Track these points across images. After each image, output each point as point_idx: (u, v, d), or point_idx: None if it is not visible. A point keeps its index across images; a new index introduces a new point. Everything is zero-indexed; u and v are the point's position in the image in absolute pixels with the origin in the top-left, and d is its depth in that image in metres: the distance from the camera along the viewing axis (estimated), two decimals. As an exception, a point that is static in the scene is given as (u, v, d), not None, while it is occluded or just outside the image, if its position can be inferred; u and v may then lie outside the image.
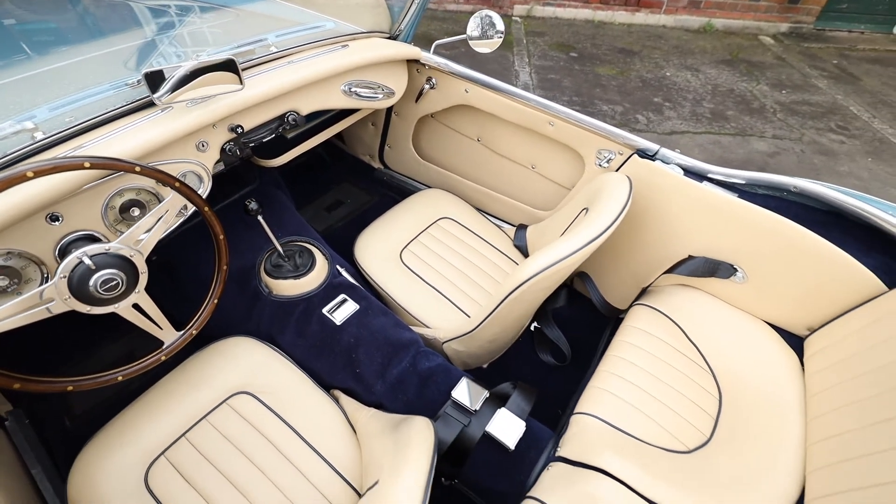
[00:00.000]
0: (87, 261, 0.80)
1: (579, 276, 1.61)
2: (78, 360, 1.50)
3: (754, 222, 1.11)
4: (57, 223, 0.90)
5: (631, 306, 1.33)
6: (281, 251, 1.30)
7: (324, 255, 1.38)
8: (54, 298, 0.80)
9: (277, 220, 1.50)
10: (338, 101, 1.37)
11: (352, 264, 1.50)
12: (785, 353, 1.13)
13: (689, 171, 1.22)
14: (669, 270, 1.25)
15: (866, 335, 0.97)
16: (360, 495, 1.01)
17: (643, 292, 1.37)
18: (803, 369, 1.11)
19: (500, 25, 1.57)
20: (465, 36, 1.53)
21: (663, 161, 1.26)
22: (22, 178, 0.70)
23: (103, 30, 1.38)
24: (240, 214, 1.47)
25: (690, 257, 1.22)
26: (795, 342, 1.16)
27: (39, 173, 0.71)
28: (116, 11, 1.49)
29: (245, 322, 1.29)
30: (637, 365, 1.15)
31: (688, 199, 1.21)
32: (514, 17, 5.15)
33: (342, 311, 1.29)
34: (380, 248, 1.52)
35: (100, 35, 1.34)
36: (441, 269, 1.50)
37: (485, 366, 1.52)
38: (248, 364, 1.18)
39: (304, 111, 1.28)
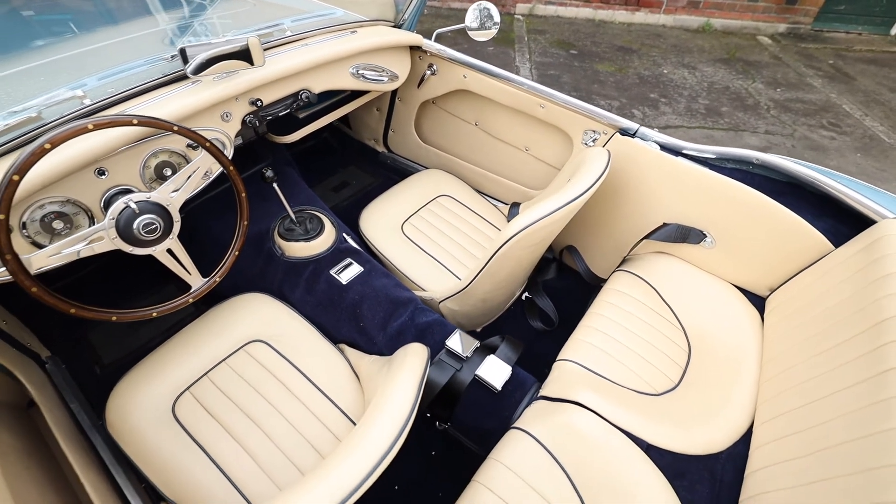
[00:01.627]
0: (133, 205, 0.93)
1: (567, 249, 1.74)
2: (121, 302, 1.67)
3: (722, 192, 1.23)
4: (103, 177, 1.03)
5: (612, 273, 1.46)
6: (293, 217, 1.43)
7: (332, 222, 1.51)
8: (104, 238, 0.94)
9: (289, 192, 1.62)
10: (346, 82, 1.50)
11: (357, 234, 1.63)
12: (748, 311, 1.25)
13: (665, 147, 1.34)
14: (646, 237, 1.37)
15: (813, 289, 1.09)
16: None
17: (623, 261, 1.49)
18: (763, 325, 1.23)
19: (497, 17, 1.70)
20: (464, 25, 1.65)
21: (642, 138, 1.38)
22: (84, 130, 0.83)
23: (141, 13, 1.52)
24: (256, 187, 1.60)
25: (665, 224, 1.34)
26: (758, 302, 1.28)
27: (98, 126, 0.84)
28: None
29: (260, 280, 1.42)
30: (615, 321, 1.27)
31: (663, 172, 1.33)
32: (516, 16, 5.28)
33: (347, 272, 1.42)
34: (383, 220, 1.65)
35: (137, 17, 1.48)
36: (439, 240, 1.63)
37: (478, 329, 1.65)
38: (262, 316, 1.31)
39: (316, 90, 1.41)
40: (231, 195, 1.61)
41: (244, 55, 1.12)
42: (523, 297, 1.75)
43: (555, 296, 1.71)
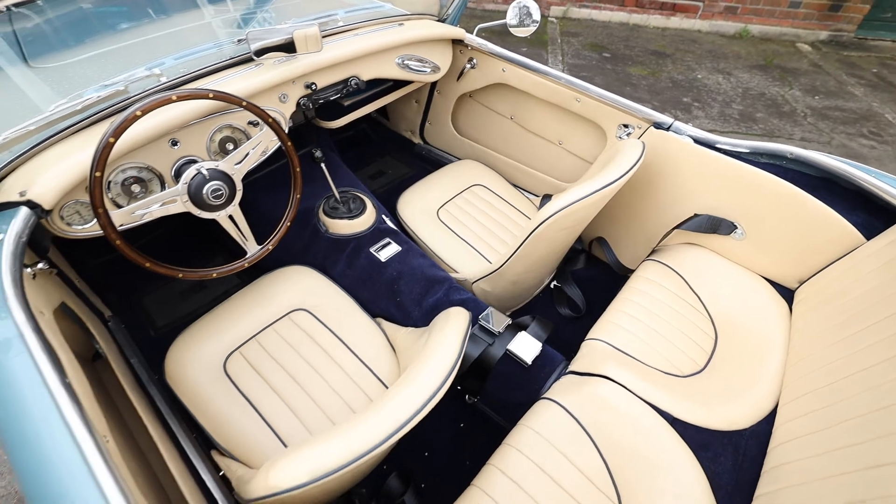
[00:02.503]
0: (204, 171, 1.03)
1: (597, 240, 1.78)
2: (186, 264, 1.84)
3: (754, 183, 1.26)
4: (175, 147, 1.13)
5: (641, 263, 1.49)
6: (337, 196, 1.52)
7: (372, 204, 1.60)
8: (176, 200, 1.03)
9: (333, 175, 1.71)
10: (392, 72, 1.58)
11: (394, 218, 1.71)
12: (776, 301, 1.27)
13: (698, 141, 1.38)
14: (676, 227, 1.41)
15: (843, 280, 1.11)
16: None
17: (653, 251, 1.52)
18: (791, 315, 1.25)
19: (537, 15, 1.76)
20: (504, 21, 1.72)
21: (676, 132, 1.42)
22: (168, 101, 0.93)
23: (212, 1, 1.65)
24: (303, 168, 1.71)
25: (696, 215, 1.38)
26: (787, 294, 1.30)
27: (181, 98, 0.94)
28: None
29: (304, 254, 1.51)
30: (644, 306, 1.31)
31: (695, 164, 1.36)
32: (550, 18, 5.31)
33: (386, 251, 1.50)
34: (419, 205, 1.73)
35: (209, 4, 1.60)
36: (472, 226, 1.69)
37: (508, 313, 1.70)
38: (306, 287, 1.40)
39: (365, 77, 1.49)
40: (277, 175, 1.72)
41: (290, 47, 1.22)
42: (552, 286, 1.79)
43: (583, 285, 1.75)
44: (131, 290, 1.73)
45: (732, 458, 0.97)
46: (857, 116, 3.94)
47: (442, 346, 0.80)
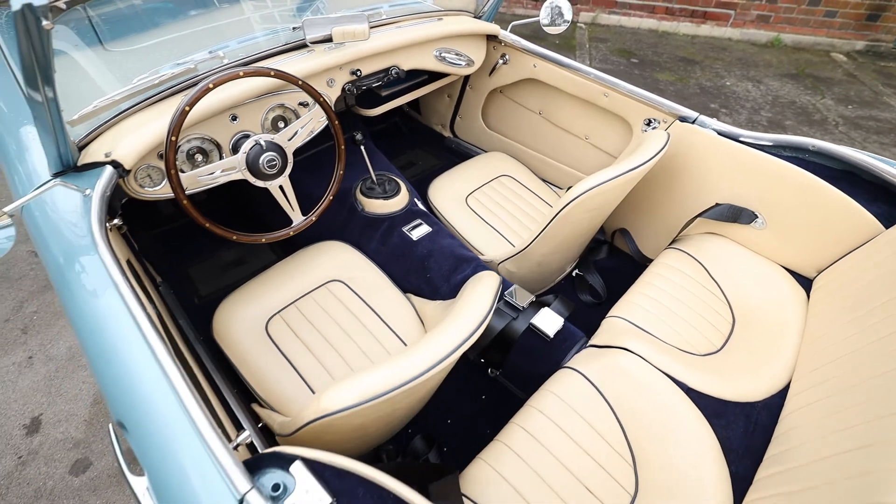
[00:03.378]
0: (262, 143, 1.14)
1: (620, 232, 1.83)
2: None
3: (775, 173, 1.30)
4: (234, 122, 1.25)
5: (663, 251, 1.54)
6: (374, 178, 1.62)
7: (406, 187, 1.69)
8: (235, 167, 1.14)
9: (370, 158, 1.82)
10: (430, 63, 1.68)
11: (424, 204, 1.80)
12: (794, 289, 1.31)
13: (722, 134, 1.43)
14: (698, 216, 1.46)
15: (861, 267, 1.14)
16: None
17: (674, 240, 1.57)
18: (808, 302, 1.28)
19: (568, 15, 1.84)
20: (537, 19, 1.80)
21: (701, 126, 1.47)
22: (237, 76, 1.04)
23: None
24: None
25: (717, 204, 1.42)
26: (806, 284, 1.34)
27: (247, 74, 1.05)
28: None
29: (341, 231, 1.61)
30: (664, 290, 1.37)
31: (718, 155, 1.41)
32: (578, 24, 5.37)
33: (418, 231, 1.59)
34: (450, 192, 1.81)
35: None
36: (499, 213, 1.77)
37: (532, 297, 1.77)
38: (341, 261, 1.50)
39: (405, 67, 1.60)
40: (316, 159, 1.83)
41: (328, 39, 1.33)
42: (574, 274, 1.85)
43: (604, 274, 1.81)
44: (178, 262, 1.86)
45: (744, 426, 1.01)
46: (893, 126, 3.87)
47: (477, 298, 0.88)
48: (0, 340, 1.87)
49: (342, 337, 1.34)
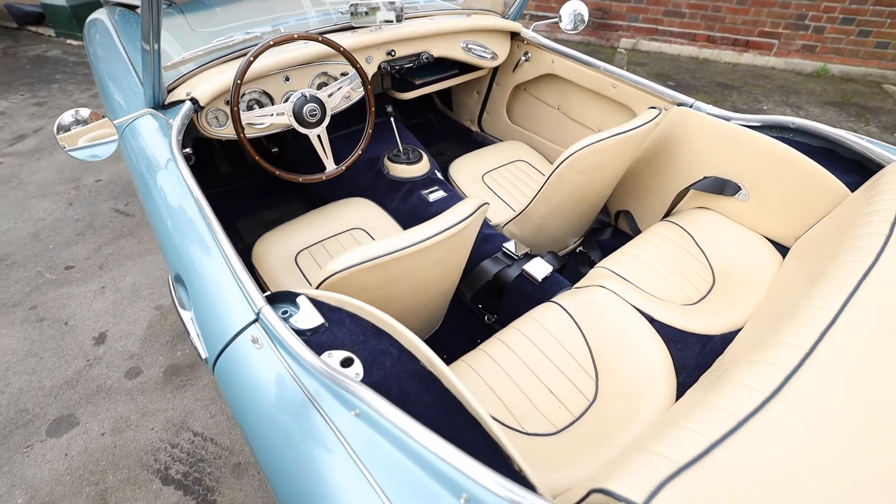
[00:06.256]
0: (308, 93, 1.40)
1: (623, 214, 1.96)
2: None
3: (758, 148, 1.42)
4: (287, 82, 1.52)
5: (656, 223, 1.67)
6: (400, 147, 1.85)
7: (428, 158, 1.91)
8: (284, 114, 1.40)
9: (399, 135, 2.07)
10: (457, 53, 1.92)
11: (446, 181, 2.01)
12: (771, 255, 1.40)
13: (715, 116, 1.56)
14: (688, 188, 1.58)
15: (826, 229, 1.24)
16: None
17: (667, 214, 1.69)
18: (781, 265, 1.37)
19: (586, 18, 2.04)
20: (556, 19, 2.02)
21: (697, 109, 1.61)
22: (292, 38, 1.30)
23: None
24: (376, 133, 2.07)
25: (705, 177, 1.55)
26: (784, 252, 1.42)
27: (300, 37, 1.31)
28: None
29: (368, 190, 1.85)
30: (651, 252, 1.49)
31: (709, 134, 1.54)
32: (619, 49, 5.57)
33: (434, 195, 1.80)
34: (469, 170, 2.02)
35: None
36: (511, 190, 1.95)
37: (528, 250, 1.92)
38: (365, 213, 1.72)
39: (435, 54, 1.84)
40: (352, 136, 2.09)
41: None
42: (577, 251, 1.99)
43: (606, 252, 1.93)
44: (228, 216, 2.15)
45: (699, 351, 1.12)
46: (940, 156, 3.76)
47: (463, 205, 1.06)
48: (82, 273, 2.22)
49: None
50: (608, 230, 2.03)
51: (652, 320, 1.20)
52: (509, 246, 1.54)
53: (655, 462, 0.54)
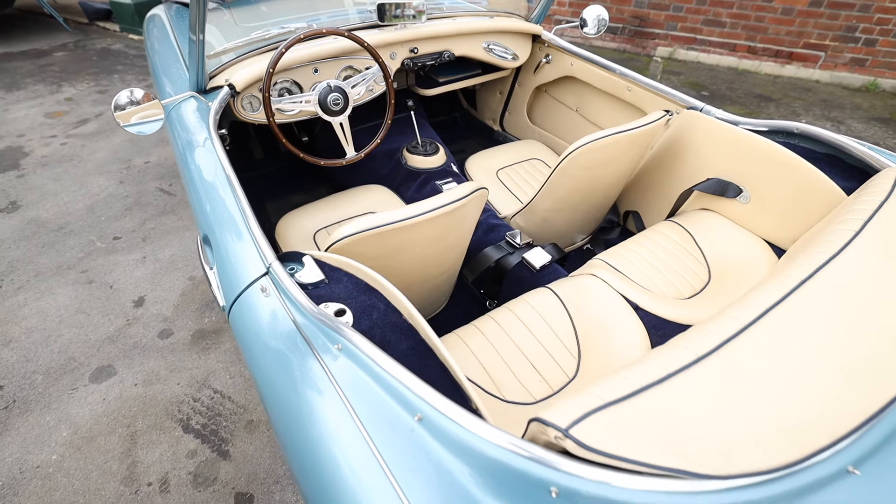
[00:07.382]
0: (333, 83, 1.53)
1: (632, 214, 2.00)
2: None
3: (761, 152, 1.45)
4: (316, 73, 1.66)
5: (659, 223, 1.71)
6: (419, 139, 1.97)
7: (445, 151, 2.02)
8: (310, 101, 1.54)
9: (419, 129, 2.18)
10: (479, 53, 2.02)
11: (460, 170, 2.11)
12: (768, 256, 1.42)
13: (723, 121, 1.60)
14: (692, 188, 1.62)
15: (815, 231, 1.26)
16: None
17: (670, 214, 1.73)
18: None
19: (606, 21, 2.10)
20: (578, 22, 2.08)
21: (706, 114, 1.65)
22: (321, 33, 1.44)
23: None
24: (398, 127, 2.20)
25: (708, 179, 1.58)
26: (782, 255, 1.44)
27: (329, 32, 1.44)
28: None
29: (386, 179, 1.97)
30: (649, 248, 1.54)
31: (715, 137, 1.57)
32: (655, 58, 5.52)
33: (448, 185, 1.90)
34: (484, 165, 2.11)
35: None
36: (523, 185, 2.03)
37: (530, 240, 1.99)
38: (382, 199, 1.84)
39: (457, 52, 1.95)
40: (374, 130, 2.22)
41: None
42: (584, 248, 2.04)
43: (613, 251, 1.98)
44: (258, 197, 2.33)
45: (678, 337, 1.17)
46: None
47: (460, 187, 1.16)
48: (127, 243, 2.44)
49: None
50: (616, 230, 2.07)
51: (637, 308, 1.25)
52: (513, 235, 1.62)
53: (587, 399, 0.62)
